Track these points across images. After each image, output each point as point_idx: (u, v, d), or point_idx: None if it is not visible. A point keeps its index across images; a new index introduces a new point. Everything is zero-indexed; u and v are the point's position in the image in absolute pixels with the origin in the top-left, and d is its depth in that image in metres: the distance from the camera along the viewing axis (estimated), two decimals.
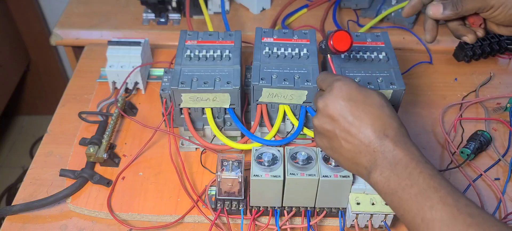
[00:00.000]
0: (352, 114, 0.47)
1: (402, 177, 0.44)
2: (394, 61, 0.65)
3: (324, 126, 0.50)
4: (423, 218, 0.42)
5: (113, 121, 0.70)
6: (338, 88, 0.49)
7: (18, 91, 1.58)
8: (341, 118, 0.48)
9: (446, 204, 0.41)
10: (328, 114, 0.49)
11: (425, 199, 0.42)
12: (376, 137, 0.46)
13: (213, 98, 0.62)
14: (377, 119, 0.47)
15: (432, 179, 0.43)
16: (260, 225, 0.60)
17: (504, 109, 0.76)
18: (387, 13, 0.92)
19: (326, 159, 0.57)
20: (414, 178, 0.44)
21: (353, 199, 0.57)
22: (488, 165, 0.68)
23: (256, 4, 0.96)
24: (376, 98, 0.48)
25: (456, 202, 0.41)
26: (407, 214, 0.44)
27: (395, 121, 0.47)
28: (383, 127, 0.46)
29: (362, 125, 0.47)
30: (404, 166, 0.44)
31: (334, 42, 0.54)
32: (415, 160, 0.45)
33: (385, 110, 0.48)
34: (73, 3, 1.00)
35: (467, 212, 0.41)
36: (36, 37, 1.44)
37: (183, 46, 0.67)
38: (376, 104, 0.48)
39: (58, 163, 0.69)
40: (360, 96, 0.48)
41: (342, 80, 0.50)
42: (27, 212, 0.63)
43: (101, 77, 0.81)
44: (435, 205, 0.42)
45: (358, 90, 0.49)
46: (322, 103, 0.49)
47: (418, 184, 0.43)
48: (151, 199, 0.64)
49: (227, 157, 0.59)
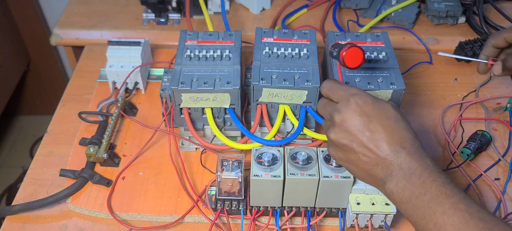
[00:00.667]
0: (369, 130, 0.49)
1: (416, 186, 0.46)
2: (394, 61, 0.65)
3: (341, 141, 0.51)
4: (435, 223, 0.44)
5: (113, 121, 0.70)
6: (355, 103, 0.50)
7: (18, 91, 1.58)
8: (359, 133, 0.49)
9: (457, 209, 0.43)
10: (346, 129, 0.50)
11: (437, 205, 0.44)
12: (393, 150, 0.48)
13: (213, 98, 0.62)
14: (394, 132, 0.48)
15: (445, 186, 0.45)
16: (260, 225, 0.60)
17: (504, 110, 0.76)
18: (387, 13, 0.92)
19: (327, 159, 0.57)
20: (427, 186, 0.45)
21: (353, 199, 0.57)
22: (488, 165, 0.68)
23: (256, 4, 0.96)
24: (392, 112, 0.50)
25: (468, 208, 0.43)
26: (421, 220, 0.45)
27: (411, 133, 0.49)
28: (400, 140, 0.48)
29: (379, 139, 0.48)
30: (418, 175, 0.46)
31: (346, 59, 0.54)
32: (429, 169, 0.46)
33: (400, 123, 0.49)
34: (73, 3, 1.00)
35: (479, 217, 0.42)
36: (36, 37, 1.44)
37: (183, 46, 0.67)
38: (392, 118, 0.49)
39: (58, 163, 0.69)
40: (377, 111, 0.49)
41: (358, 95, 0.51)
42: (27, 212, 0.63)
43: (101, 77, 0.81)
44: (447, 211, 0.43)
45: (374, 104, 0.50)
46: (340, 118, 0.50)
47: (431, 191, 0.45)
48: (151, 199, 0.64)
49: (227, 157, 0.59)
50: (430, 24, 0.94)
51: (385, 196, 0.50)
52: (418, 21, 0.94)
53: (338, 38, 0.68)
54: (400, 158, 0.47)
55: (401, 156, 0.47)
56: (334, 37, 0.69)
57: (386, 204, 0.56)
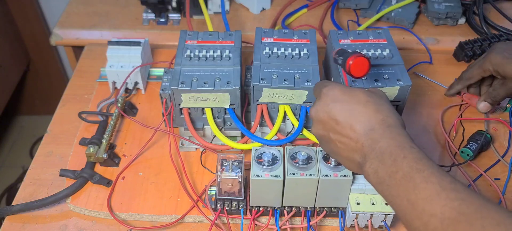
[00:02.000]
0: (339, 115, 0.49)
1: (388, 165, 0.45)
2: (398, 58, 0.65)
3: (319, 132, 0.53)
4: (408, 199, 0.43)
5: (113, 121, 0.70)
6: (325, 93, 0.52)
7: (18, 91, 1.58)
8: (331, 121, 0.50)
9: (429, 182, 0.42)
10: (319, 120, 0.52)
11: (409, 181, 0.43)
12: (363, 132, 0.48)
13: (213, 98, 0.62)
14: (362, 115, 0.48)
15: (416, 162, 0.44)
16: (260, 225, 0.60)
17: (504, 110, 0.76)
18: (386, 11, 0.92)
19: (326, 158, 0.57)
20: (399, 164, 0.44)
21: (353, 199, 0.57)
22: (488, 165, 0.68)
23: (256, 4, 0.96)
24: (361, 96, 0.50)
25: (440, 180, 0.42)
26: (396, 199, 0.44)
27: (381, 113, 0.48)
28: (369, 121, 0.48)
29: (349, 123, 0.49)
30: (389, 154, 0.45)
31: (352, 69, 0.54)
32: (400, 147, 0.45)
33: (369, 106, 0.49)
34: (73, 3, 1.00)
35: (451, 188, 0.41)
36: (36, 37, 1.44)
37: (183, 46, 0.67)
38: (361, 101, 0.49)
39: (58, 163, 0.69)
40: (345, 97, 0.50)
41: (329, 85, 0.52)
42: (27, 212, 0.63)
43: (101, 77, 0.81)
44: (418, 185, 0.42)
45: (342, 91, 0.51)
46: (314, 111, 0.53)
47: (402, 169, 0.44)
48: (151, 199, 0.64)
49: (227, 157, 0.59)
50: (430, 24, 0.94)
51: (367, 181, 0.49)
52: (418, 21, 0.95)
53: (340, 37, 0.68)
54: (371, 139, 0.47)
55: (371, 137, 0.47)
56: (336, 35, 0.68)
57: (386, 204, 0.56)
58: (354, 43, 0.67)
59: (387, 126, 0.47)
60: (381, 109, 0.49)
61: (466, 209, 0.39)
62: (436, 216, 0.40)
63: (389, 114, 0.49)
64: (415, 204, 0.42)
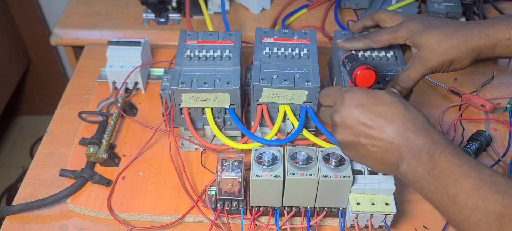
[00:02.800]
0: (369, 119, 0.49)
1: (426, 162, 0.45)
2: (402, 60, 0.65)
3: (347, 138, 0.51)
4: (448, 194, 0.43)
5: (113, 121, 0.70)
6: (349, 98, 0.50)
7: (18, 91, 1.58)
8: (360, 125, 0.49)
9: (468, 176, 0.42)
10: (347, 126, 0.50)
11: (448, 176, 0.43)
12: (397, 132, 0.47)
13: (213, 98, 0.62)
14: (394, 114, 0.48)
15: (454, 156, 0.44)
16: (260, 225, 0.60)
17: (504, 110, 0.76)
18: None
19: (326, 159, 0.57)
20: (436, 159, 0.44)
21: (353, 199, 0.57)
22: (488, 165, 0.68)
23: (256, 4, 0.96)
24: (387, 97, 0.50)
25: (479, 174, 0.42)
26: (435, 195, 0.44)
27: (411, 111, 0.48)
28: (401, 121, 0.48)
29: (381, 125, 0.48)
30: (426, 151, 0.45)
31: (358, 80, 0.54)
32: (436, 143, 0.45)
33: (398, 105, 0.49)
34: (73, 3, 1.00)
35: (492, 181, 0.41)
36: (36, 37, 1.44)
37: (183, 46, 0.67)
38: (388, 102, 0.49)
39: (58, 163, 0.69)
40: (372, 99, 0.50)
41: (351, 90, 0.51)
42: (27, 212, 0.63)
43: (101, 77, 0.81)
44: (458, 180, 0.42)
45: (367, 94, 0.50)
46: (339, 117, 0.51)
47: (440, 164, 0.44)
48: (151, 199, 0.64)
49: (227, 157, 0.59)
50: None
51: (404, 181, 0.48)
52: None
53: (345, 37, 0.68)
54: (407, 139, 0.47)
55: (407, 136, 0.47)
56: (341, 36, 0.68)
57: (386, 204, 0.56)
58: None
59: (420, 123, 0.47)
60: (410, 108, 0.49)
61: (510, 202, 0.39)
62: (479, 209, 0.40)
63: (417, 112, 0.49)
64: (456, 199, 0.42)
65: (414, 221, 0.62)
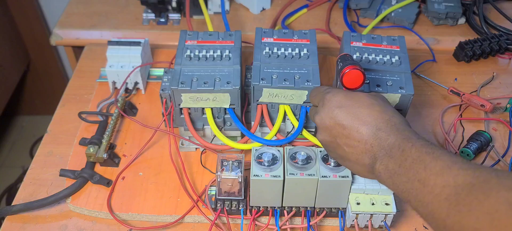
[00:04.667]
0: (345, 120, 0.50)
1: (397, 157, 0.45)
2: (406, 66, 0.64)
3: (325, 139, 0.52)
4: (419, 179, 0.43)
5: (113, 121, 0.70)
6: (328, 99, 0.52)
7: (18, 91, 1.58)
8: (337, 126, 0.50)
9: (439, 160, 0.42)
10: (325, 127, 0.52)
11: (419, 163, 0.43)
12: (370, 133, 0.48)
13: (213, 98, 0.62)
14: (368, 117, 0.49)
15: (424, 147, 0.44)
16: (260, 225, 0.60)
17: (504, 110, 0.76)
18: (387, 13, 0.92)
19: (325, 159, 0.57)
20: (407, 152, 0.45)
21: (353, 199, 0.57)
22: (488, 165, 0.68)
23: (256, 4, 0.96)
24: (365, 99, 0.50)
25: (450, 157, 0.42)
26: (406, 184, 0.44)
27: (387, 113, 0.49)
28: (375, 122, 0.48)
29: (356, 127, 0.49)
30: (397, 147, 0.46)
31: (344, 79, 0.54)
32: (407, 138, 0.46)
33: (375, 107, 0.49)
34: (73, 3, 1.00)
35: (462, 161, 0.41)
36: (36, 37, 1.44)
37: (183, 46, 0.67)
38: (365, 104, 0.50)
39: (58, 163, 0.69)
40: (350, 101, 0.50)
41: (331, 92, 0.52)
42: (27, 212, 0.63)
43: (101, 77, 0.81)
44: (429, 164, 0.42)
45: (346, 96, 0.51)
46: (318, 118, 0.52)
47: (411, 155, 0.44)
48: (151, 199, 0.64)
49: (227, 157, 0.59)
50: (430, 24, 0.94)
51: (379, 182, 0.49)
52: (418, 21, 0.94)
53: (352, 39, 0.68)
54: (379, 139, 0.47)
55: (379, 136, 0.47)
56: (349, 37, 0.68)
57: (386, 204, 0.56)
58: (365, 47, 0.67)
59: (393, 123, 0.48)
60: (386, 110, 0.49)
61: (480, 174, 0.39)
62: (449, 185, 0.40)
63: (394, 114, 0.49)
64: (427, 181, 0.42)
65: (414, 221, 0.62)
